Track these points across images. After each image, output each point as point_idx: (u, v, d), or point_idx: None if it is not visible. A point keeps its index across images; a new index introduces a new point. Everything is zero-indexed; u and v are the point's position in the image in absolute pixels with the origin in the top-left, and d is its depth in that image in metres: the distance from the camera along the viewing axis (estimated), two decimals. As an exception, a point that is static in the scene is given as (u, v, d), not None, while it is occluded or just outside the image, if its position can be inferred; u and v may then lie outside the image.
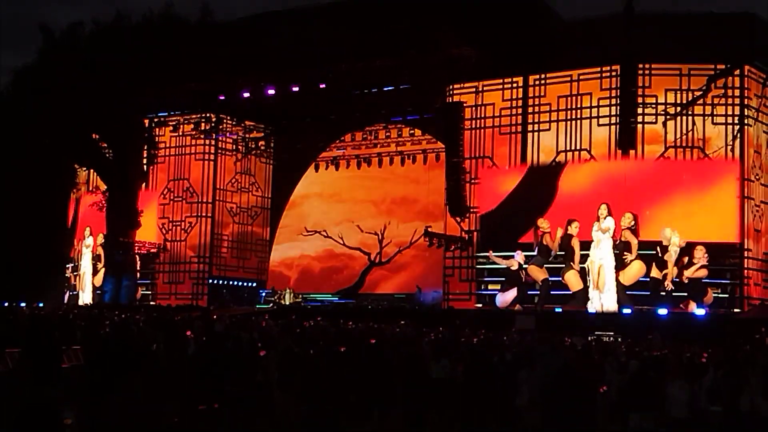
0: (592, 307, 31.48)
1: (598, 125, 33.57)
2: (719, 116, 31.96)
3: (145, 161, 41.77)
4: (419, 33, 33.81)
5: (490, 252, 34.14)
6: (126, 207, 39.75)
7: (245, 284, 43.06)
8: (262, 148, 43.49)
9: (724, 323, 28.20)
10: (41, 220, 43.73)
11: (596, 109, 33.61)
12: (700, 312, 30.12)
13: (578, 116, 33.94)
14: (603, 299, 31.36)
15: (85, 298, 42.97)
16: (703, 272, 30.79)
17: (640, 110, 32.38)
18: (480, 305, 34.59)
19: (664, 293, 30.83)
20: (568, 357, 17.06)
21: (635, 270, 31.59)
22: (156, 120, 41.57)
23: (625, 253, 31.56)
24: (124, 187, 39.92)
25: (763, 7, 34.10)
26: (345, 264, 43.18)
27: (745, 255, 31.46)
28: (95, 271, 43.13)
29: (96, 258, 43.18)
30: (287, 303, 39.36)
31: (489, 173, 35.47)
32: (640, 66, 32.58)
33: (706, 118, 32.05)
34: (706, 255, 30.75)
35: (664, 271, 30.97)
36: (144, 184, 41.90)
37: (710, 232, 31.48)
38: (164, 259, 42.19)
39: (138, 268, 41.22)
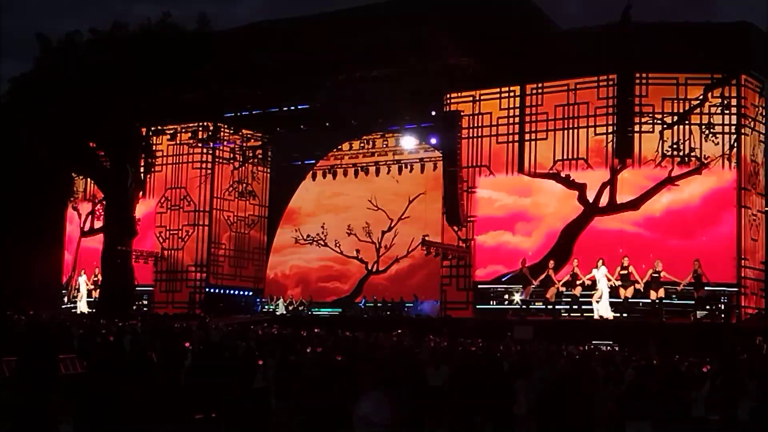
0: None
1: (595, 134, 33.62)
2: (716, 125, 32.00)
3: (142, 170, 41.75)
4: (417, 42, 33.85)
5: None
6: (123, 215, 39.71)
7: (242, 293, 43.01)
8: (260, 156, 43.50)
9: (722, 332, 28.18)
10: (38, 229, 43.68)
11: (593, 118, 33.66)
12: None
13: (575, 125, 33.98)
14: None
15: (82, 306, 42.88)
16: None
17: (636, 119, 32.44)
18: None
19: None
20: (565, 366, 17.10)
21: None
22: (153, 129, 41.54)
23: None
24: (122, 195, 39.87)
25: (760, 16, 34.22)
26: (342, 273, 43.17)
27: (742, 264, 31.47)
28: (92, 279, 43.07)
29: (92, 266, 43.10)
30: (281, 312, 39.30)
31: (486, 182, 35.51)
32: (637, 75, 32.64)
33: (703, 127, 32.09)
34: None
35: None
36: (141, 192, 41.88)
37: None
38: (161, 267, 42.18)
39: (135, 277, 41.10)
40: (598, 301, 31.30)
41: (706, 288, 30.27)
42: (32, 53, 40.59)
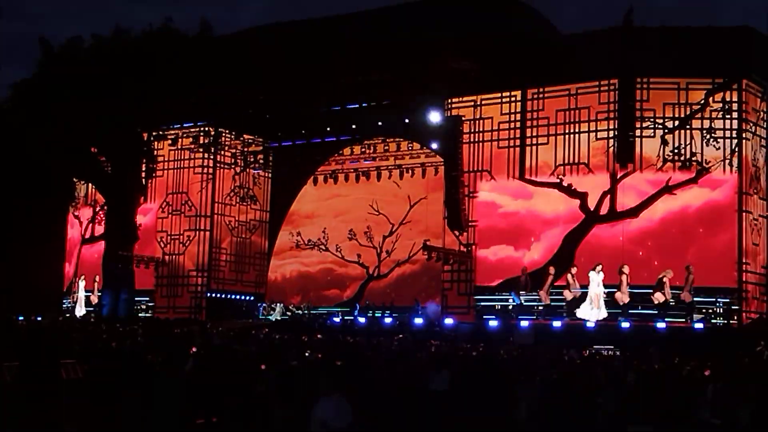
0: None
1: (596, 139, 33.61)
2: (717, 130, 31.98)
3: (143, 175, 41.78)
4: (418, 47, 33.87)
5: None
6: (124, 220, 39.75)
7: (244, 298, 43.00)
8: (261, 161, 43.52)
9: (723, 336, 28.17)
10: (39, 234, 43.69)
11: (594, 122, 33.64)
12: (699, 325, 30.06)
13: (576, 130, 33.98)
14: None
15: (83, 311, 42.87)
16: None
17: (638, 124, 32.43)
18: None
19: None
20: (566, 371, 17.10)
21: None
22: (155, 134, 41.56)
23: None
24: (123, 200, 39.91)
25: (762, 21, 34.19)
26: (343, 277, 43.15)
27: (744, 269, 31.45)
28: (93, 285, 43.08)
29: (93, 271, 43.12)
30: (278, 317, 39.24)
31: (487, 187, 35.50)
32: (638, 80, 32.63)
33: (704, 131, 32.07)
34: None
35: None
36: (142, 197, 41.91)
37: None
38: (163, 272, 42.18)
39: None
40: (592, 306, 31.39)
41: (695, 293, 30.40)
42: (34, 58, 40.73)
